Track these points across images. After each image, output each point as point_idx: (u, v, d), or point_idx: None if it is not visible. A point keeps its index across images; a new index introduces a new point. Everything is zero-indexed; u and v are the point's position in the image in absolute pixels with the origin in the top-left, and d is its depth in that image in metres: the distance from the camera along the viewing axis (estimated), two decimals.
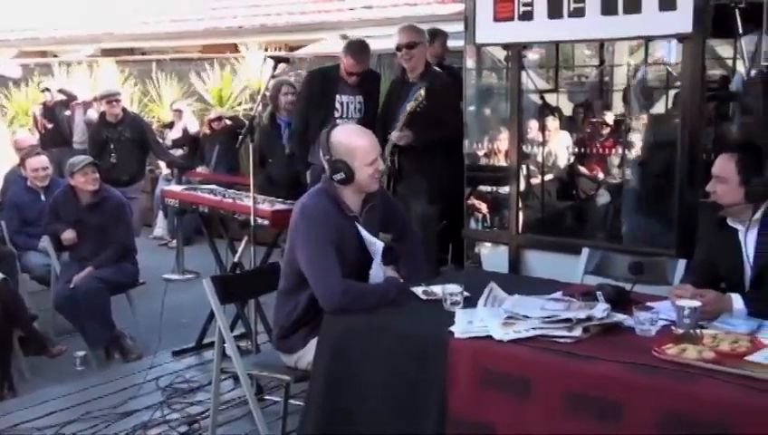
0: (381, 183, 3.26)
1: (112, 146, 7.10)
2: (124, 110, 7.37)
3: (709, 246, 3.09)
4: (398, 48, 4.84)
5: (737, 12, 7.57)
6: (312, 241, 2.99)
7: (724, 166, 2.92)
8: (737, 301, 2.73)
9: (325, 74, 5.25)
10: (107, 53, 12.32)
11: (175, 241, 7.61)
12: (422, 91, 4.51)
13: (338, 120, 4.99)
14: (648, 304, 2.77)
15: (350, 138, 3.10)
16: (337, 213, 3.06)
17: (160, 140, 8.16)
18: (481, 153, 5.41)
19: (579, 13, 4.02)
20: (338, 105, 5.09)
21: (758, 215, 2.90)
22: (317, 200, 3.08)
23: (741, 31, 8.25)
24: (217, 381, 3.43)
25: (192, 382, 4.44)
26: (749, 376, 2.17)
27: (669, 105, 6.74)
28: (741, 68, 9.53)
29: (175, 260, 7.05)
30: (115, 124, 7.16)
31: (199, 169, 7.92)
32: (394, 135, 4.65)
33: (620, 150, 6.11)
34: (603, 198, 5.95)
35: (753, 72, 8.68)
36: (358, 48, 5.02)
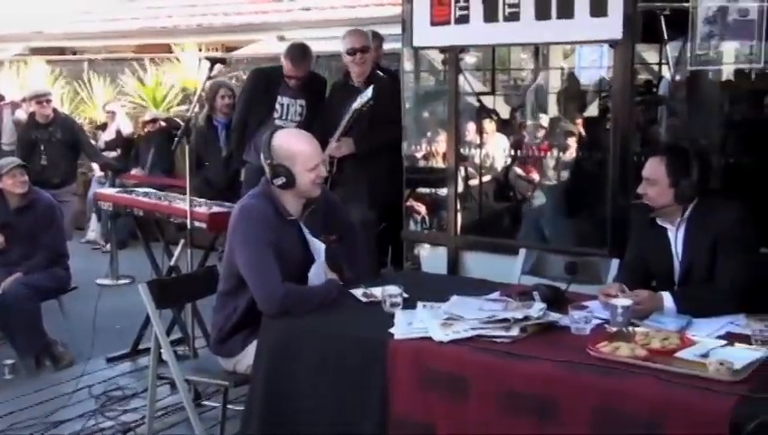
0: (323, 185, 3.24)
1: (42, 147, 6.89)
2: (55, 110, 7.17)
3: (640, 246, 3.18)
4: (352, 52, 4.78)
5: (662, 18, 7.82)
6: (250, 243, 2.96)
7: (653, 169, 2.99)
8: (668, 299, 2.81)
9: (269, 74, 5.17)
10: (36, 51, 11.99)
11: (108, 245, 7.45)
12: (369, 91, 4.46)
13: (276, 121, 4.95)
14: (583, 303, 2.83)
15: (292, 142, 3.08)
16: (276, 216, 3.04)
17: (93, 142, 7.98)
18: (419, 155, 5.45)
19: (514, 17, 4.09)
20: (278, 106, 5.03)
21: (686, 215, 2.99)
22: (256, 202, 3.06)
23: (666, 37, 8.53)
24: (153, 387, 3.38)
25: (127, 389, 4.36)
26: (678, 373, 2.24)
27: (597, 109, 6.93)
28: (666, 73, 9.84)
29: (108, 264, 6.90)
30: (45, 125, 6.96)
31: (134, 172, 7.76)
32: (331, 147, 4.57)
33: (555, 153, 6.23)
34: (539, 199, 6.05)
35: (678, 77, 8.96)
36: (297, 52, 4.97)
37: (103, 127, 8.73)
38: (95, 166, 8.49)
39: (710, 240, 2.91)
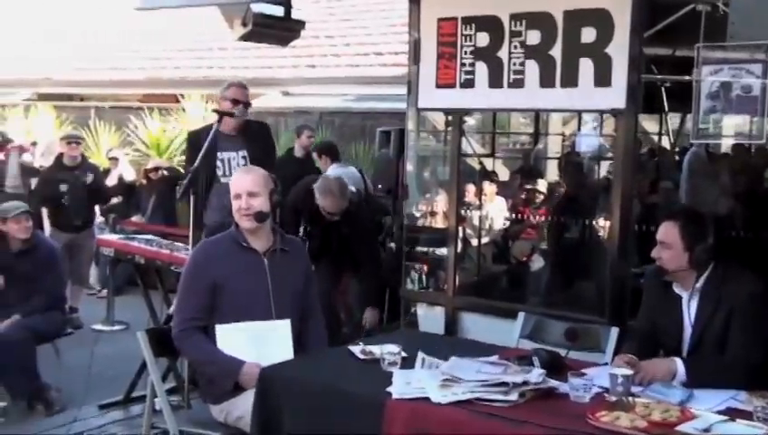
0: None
1: (65, 189, 6.87)
2: (82, 154, 7.19)
3: (652, 313, 3.15)
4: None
5: (664, 90, 7.98)
6: (185, 278, 3.24)
7: (668, 232, 2.98)
8: (679, 365, 2.79)
9: (200, 134, 4.75)
10: (44, 97, 12.13)
11: (104, 291, 7.42)
12: None
13: (222, 179, 4.64)
14: (583, 370, 2.83)
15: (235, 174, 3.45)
16: (233, 245, 3.23)
17: None
18: (419, 214, 5.49)
19: (518, 84, 4.16)
20: (219, 163, 4.66)
21: (700, 283, 2.97)
22: (213, 241, 3.34)
23: (667, 108, 8.69)
24: None
25: None
26: None
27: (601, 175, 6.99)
28: (666, 143, 9.97)
29: (106, 311, 6.86)
30: (72, 168, 6.95)
31: (134, 219, 7.79)
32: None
33: (554, 217, 6.27)
34: (537, 263, 6.07)
35: (677, 148, 9.09)
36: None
37: (106, 173, 8.78)
38: (96, 211, 8.51)
39: (725, 312, 2.90)
